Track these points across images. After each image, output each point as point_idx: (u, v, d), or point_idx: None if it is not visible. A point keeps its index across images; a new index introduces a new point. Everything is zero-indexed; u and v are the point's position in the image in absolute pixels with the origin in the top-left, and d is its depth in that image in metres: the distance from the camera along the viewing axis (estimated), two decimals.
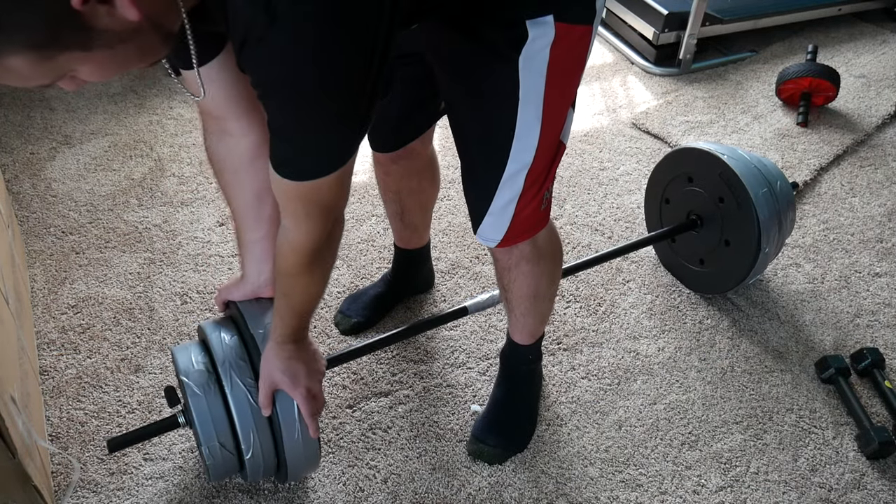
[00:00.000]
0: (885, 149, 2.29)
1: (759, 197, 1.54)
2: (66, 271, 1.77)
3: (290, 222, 0.95)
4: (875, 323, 1.73)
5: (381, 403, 1.51)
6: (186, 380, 1.15)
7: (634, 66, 2.69)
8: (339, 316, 1.66)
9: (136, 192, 2.01)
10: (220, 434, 1.14)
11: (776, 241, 1.59)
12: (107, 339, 1.61)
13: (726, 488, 1.40)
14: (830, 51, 2.74)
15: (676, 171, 1.72)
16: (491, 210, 1.11)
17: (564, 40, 0.95)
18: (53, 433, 1.43)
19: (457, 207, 2.00)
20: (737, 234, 1.60)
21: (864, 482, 1.42)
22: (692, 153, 1.67)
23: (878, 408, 1.55)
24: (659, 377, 1.59)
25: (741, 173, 1.55)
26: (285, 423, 1.14)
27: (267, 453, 1.17)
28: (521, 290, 1.26)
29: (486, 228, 1.14)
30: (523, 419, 1.47)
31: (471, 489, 1.38)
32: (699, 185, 1.66)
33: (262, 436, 1.15)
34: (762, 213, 1.54)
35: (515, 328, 1.38)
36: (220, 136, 1.11)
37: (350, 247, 1.87)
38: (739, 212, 1.57)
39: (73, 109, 2.32)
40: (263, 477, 1.25)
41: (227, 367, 1.14)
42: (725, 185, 1.59)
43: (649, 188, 1.83)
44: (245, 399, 1.13)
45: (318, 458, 1.23)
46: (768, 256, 1.60)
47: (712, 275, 1.70)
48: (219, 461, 1.16)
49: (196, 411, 1.13)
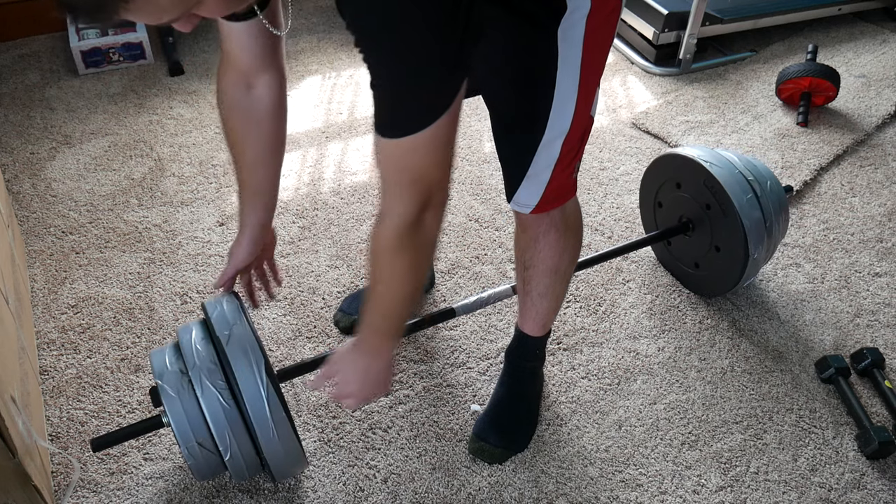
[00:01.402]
0: (885, 149, 2.29)
1: (744, 204, 1.53)
2: (66, 271, 1.77)
3: (385, 199, 0.95)
4: (875, 323, 1.73)
5: (381, 403, 1.51)
6: (161, 382, 1.17)
7: (634, 66, 2.69)
8: (340, 314, 1.66)
9: (136, 192, 2.01)
10: (197, 434, 1.15)
11: (766, 246, 1.58)
12: (107, 339, 1.61)
13: (726, 488, 1.40)
14: (830, 51, 2.73)
15: (665, 177, 1.72)
16: (529, 174, 1.15)
17: (599, 13, 1.00)
18: (53, 433, 1.43)
19: (457, 207, 2.00)
20: (725, 240, 1.60)
21: (864, 482, 1.42)
22: (677, 160, 1.67)
23: (878, 408, 1.55)
24: (659, 377, 1.59)
25: (724, 181, 1.55)
26: (258, 424, 1.14)
27: (247, 454, 1.18)
28: (545, 262, 1.28)
29: (523, 193, 1.18)
30: (525, 419, 1.47)
31: (471, 489, 1.38)
32: (687, 192, 1.67)
33: (239, 437, 1.15)
34: (747, 221, 1.53)
35: (528, 316, 1.39)
36: (246, 90, 1.16)
37: (350, 247, 1.87)
38: (725, 219, 1.57)
39: (73, 109, 2.32)
40: (251, 476, 1.25)
41: (197, 371, 1.16)
42: (710, 192, 1.59)
43: (642, 192, 1.84)
44: (217, 402, 1.14)
45: (302, 455, 1.23)
46: (758, 262, 1.60)
47: (707, 278, 1.71)
48: (200, 461, 1.17)
49: (171, 413, 1.15)
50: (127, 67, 2.54)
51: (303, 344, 1.62)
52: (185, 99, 2.40)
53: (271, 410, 1.14)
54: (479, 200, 2.03)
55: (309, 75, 2.55)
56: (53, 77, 2.47)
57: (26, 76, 2.47)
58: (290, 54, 2.66)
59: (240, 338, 1.17)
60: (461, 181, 2.10)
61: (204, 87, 2.46)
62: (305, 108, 2.40)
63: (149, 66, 2.56)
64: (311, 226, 1.93)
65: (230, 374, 1.15)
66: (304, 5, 2.93)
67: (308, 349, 1.61)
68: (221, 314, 1.21)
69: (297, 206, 1.99)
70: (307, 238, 1.89)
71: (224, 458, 1.16)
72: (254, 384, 1.14)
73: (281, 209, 1.98)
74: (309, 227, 1.93)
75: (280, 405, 1.15)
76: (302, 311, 1.70)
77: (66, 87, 2.42)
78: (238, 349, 1.16)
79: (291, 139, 2.25)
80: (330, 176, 2.11)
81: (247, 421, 1.15)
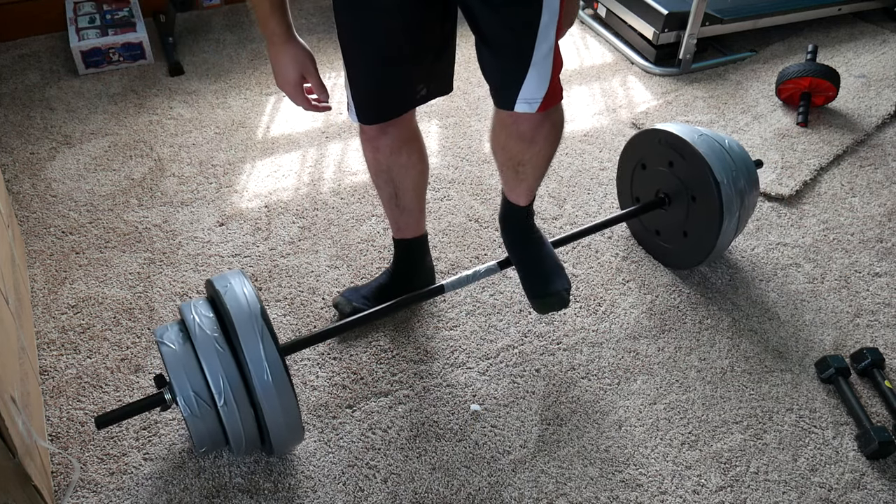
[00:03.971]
0: (885, 149, 2.29)
1: (698, 141, 1.63)
2: (66, 271, 1.77)
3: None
4: (875, 323, 1.73)
5: (381, 403, 1.51)
6: (160, 339, 1.21)
7: (634, 66, 2.69)
8: (341, 299, 1.65)
9: (136, 192, 2.01)
10: (192, 382, 1.18)
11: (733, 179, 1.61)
12: (107, 339, 1.61)
13: (726, 488, 1.40)
14: (830, 51, 2.74)
15: (632, 164, 1.83)
16: (533, 60, 1.21)
17: None
18: (53, 433, 1.43)
19: (456, 207, 2.00)
20: (695, 183, 1.66)
21: (863, 482, 1.42)
22: (633, 143, 1.80)
23: (878, 408, 1.55)
24: (659, 377, 1.59)
25: (677, 131, 1.66)
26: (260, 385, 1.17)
27: (243, 407, 1.19)
28: (542, 157, 1.40)
29: (530, 86, 1.24)
30: (555, 257, 1.60)
31: (471, 489, 1.38)
32: (651, 165, 1.77)
33: (233, 381, 1.18)
34: (706, 154, 1.60)
35: (521, 193, 1.51)
36: None
37: (350, 247, 1.87)
38: (688, 162, 1.64)
39: (73, 109, 2.32)
40: (247, 446, 1.25)
41: (194, 323, 1.21)
42: (668, 147, 1.68)
43: (620, 196, 1.94)
44: (212, 346, 1.19)
45: (299, 421, 1.25)
46: (731, 196, 1.61)
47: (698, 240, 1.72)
48: (196, 415, 1.19)
49: (169, 364, 1.19)
50: (127, 67, 2.54)
51: None
52: (185, 99, 2.40)
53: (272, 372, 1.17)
54: (479, 200, 2.03)
55: None
56: (53, 77, 2.47)
57: (26, 76, 2.47)
58: None
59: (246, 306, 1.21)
60: (461, 181, 2.10)
61: (204, 87, 2.46)
62: None
63: (149, 66, 2.56)
64: (311, 226, 1.93)
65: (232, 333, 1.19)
66: (304, 5, 2.93)
67: (308, 349, 1.61)
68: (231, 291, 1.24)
69: (297, 206, 1.99)
70: (307, 238, 1.89)
71: (218, 405, 1.18)
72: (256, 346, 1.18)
73: (281, 209, 1.98)
74: (309, 227, 1.93)
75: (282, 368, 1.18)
76: (302, 311, 1.70)
77: (66, 87, 2.43)
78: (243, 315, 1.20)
79: (291, 139, 2.25)
80: (330, 176, 2.11)
81: (246, 380, 1.19)
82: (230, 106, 2.38)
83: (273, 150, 2.21)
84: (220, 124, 2.30)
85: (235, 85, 2.49)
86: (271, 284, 1.76)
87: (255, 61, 2.62)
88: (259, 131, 2.28)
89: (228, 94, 2.43)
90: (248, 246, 1.86)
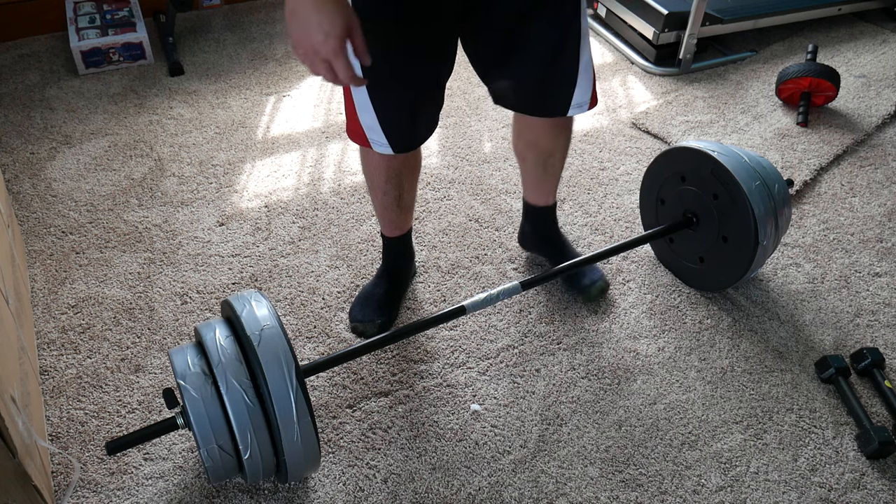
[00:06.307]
0: (885, 149, 2.29)
1: (754, 191, 1.55)
2: (66, 271, 1.77)
3: None
4: (875, 323, 1.73)
5: (381, 403, 1.51)
6: (183, 383, 1.15)
7: (634, 66, 2.69)
8: (360, 325, 1.63)
9: (136, 192, 2.01)
10: (218, 436, 1.14)
11: (773, 235, 1.59)
12: (107, 339, 1.61)
13: (726, 488, 1.40)
14: (830, 51, 2.74)
15: (669, 172, 1.72)
16: (581, 65, 1.32)
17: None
18: (53, 433, 1.43)
19: (456, 207, 2.00)
20: (734, 229, 1.60)
21: (864, 482, 1.42)
22: (683, 152, 1.67)
23: (878, 408, 1.55)
24: (659, 377, 1.59)
25: (733, 169, 1.56)
26: (283, 423, 1.14)
27: (265, 453, 1.17)
28: (566, 146, 1.56)
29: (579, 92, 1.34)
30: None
31: (471, 489, 1.38)
32: (692, 184, 1.67)
33: (260, 436, 1.15)
34: (757, 207, 1.54)
35: (550, 188, 1.66)
36: None
37: (350, 247, 1.87)
38: (735, 206, 1.57)
39: (73, 109, 2.32)
40: (263, 478, 1.25)
41: (221, 369, 1.14)
42: (718, 181, 1.59)
43: (643, 191, 1.84)
44: (241, 400, 1.13)
45: (318, 456, 1.23)
46: (766, 250, 1.60)
47: (712, 272, 1.70)
48: (217, 463, 1.16)
49: (194, 414, 1.13)
50: (127, 67, 2.54)
51: (303, 344, 1.62)
52: (185, 99, 2.40)
53: (297, 412, 1.13)
54: (479, 200, 2.03)
55: (309, 75, 2.55)
56: (53, 77, 2.47)
57: (26, 76, 2.47)
58: (290, 54, 2.66)
59: (271, 337, 1.16)
60: (461, 181, 2.10)
61: (204, 87, 2.46)
62: (305, 108, 2.40)
63: (149, 66, 2.56)
64: (311, 226, 1.93)
65: (257, 372, 1.14)
66: None
67: (308, 349, 1.61)
68: (251, 313, 1.19)
69: (297, 206, 1.99)
70: (307, 238, 1.89)
71: (243, 458, 1.15)
72: (283, 384, 1.13)
73: (281, 209, 1.98)
74: (309, 227, 1.93)
75: (306, 407, 1.15)
76: (302, 311, 1.70)
77: (66, 87, 2.43)
78: (269, 349, 1.14)
79: (291, 139, 2.25)
80: (330, 176, 2.11)
81: (270, 421, 1.15)
82: (230, 106, 2.38)
83: (273, 149, 2.21)
84: (220, 124, 2.30)
85: (235, 85, 2.49)
86: (271, 284, 1.76)
87: (255, 61, 2.62)
88: (259, 131, 2.28)
89: (228, 94, 2.43)
90: (248, 246, 1.86)
